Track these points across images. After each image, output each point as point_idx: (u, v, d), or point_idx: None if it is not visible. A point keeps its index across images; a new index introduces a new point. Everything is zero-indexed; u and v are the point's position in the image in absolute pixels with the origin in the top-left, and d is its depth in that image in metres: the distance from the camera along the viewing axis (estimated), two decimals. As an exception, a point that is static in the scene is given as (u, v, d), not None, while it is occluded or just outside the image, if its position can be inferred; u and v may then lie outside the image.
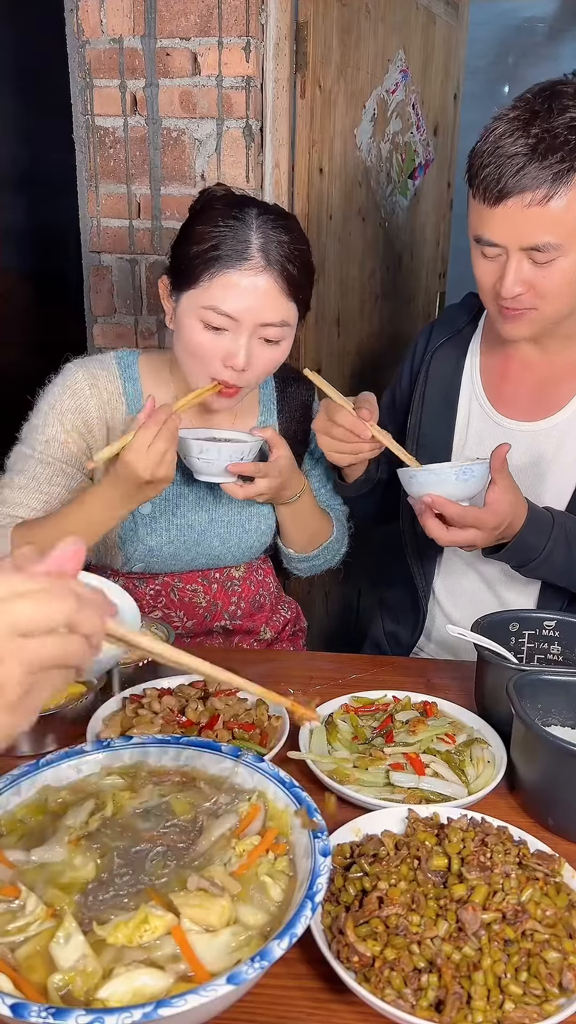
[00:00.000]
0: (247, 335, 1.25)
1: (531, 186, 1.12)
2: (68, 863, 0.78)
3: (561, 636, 1.18)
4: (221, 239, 1.22)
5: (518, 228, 1.15)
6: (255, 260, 1.22)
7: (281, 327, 1.27)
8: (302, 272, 1.27)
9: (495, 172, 1.13)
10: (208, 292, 1.23)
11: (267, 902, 0.74)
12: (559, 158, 1.11)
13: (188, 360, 1.30)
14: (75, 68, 1.96)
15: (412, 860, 0.81)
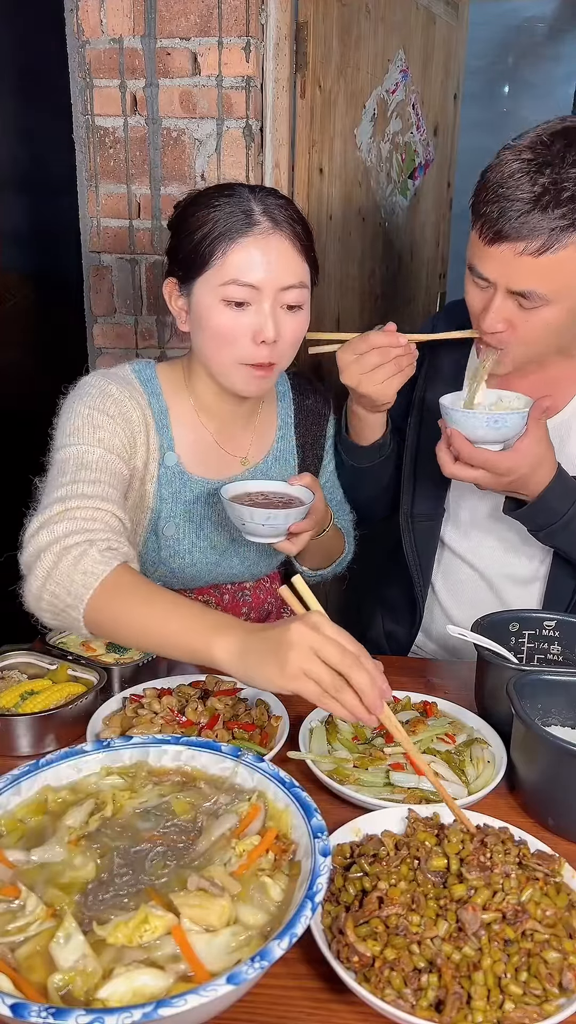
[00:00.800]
0: (270, 303, 1.22)
1: (527, 236, 1.11)
2: (68, 863, 0.78)
3: (561, 636, 1.18)
4: (224, 215, 1.21)
5: (509, 272, 1.15)
6: (263, 224, 1.21)
7: (300, 289, 1.26)
8: (307, 231, 1.28)
9: (496, 212, 1.12)
10: (224, 268, 1.21)
11: (267, 902, 0.74)
12: (561, 214, 1.09)
13: (215, 349, 1.26)
14: (75, 68, 1.96)
15: (412, 860, 0.81)
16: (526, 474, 1.20)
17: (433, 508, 1.48)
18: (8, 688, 1.14)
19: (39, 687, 1.13)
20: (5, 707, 1.09)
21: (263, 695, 1.15)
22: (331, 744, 1.06)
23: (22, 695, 1.12)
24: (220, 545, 1.42)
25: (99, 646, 1.27)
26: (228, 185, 1.28)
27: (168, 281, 1.30)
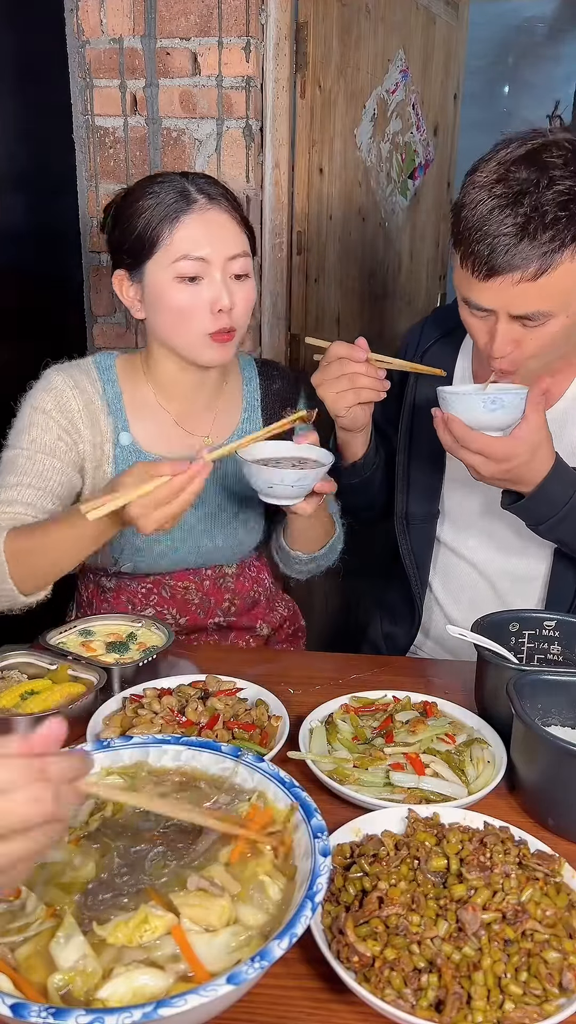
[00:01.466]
0: (221, 273, 1.29)
1: (521, 265, 1.11)
2: (68, 863, 0.78)
3: (561, 636, 1.18)
4: (163, 198, 1.29)
5: (508, 299, 1.15)
6: (200, 200, 1.29)
7: (245, 258, 1.32)
8: (238, 206, 1.34)
9: (485, 250, 1.12)
10: (173, 246, 1.28)
11: (266, 902, 0.74)
12: (549, 237, 1.09)
13: (176, 326, 1.32)
14: (75, 68, 1.96)
15: (412, 860, 0.81)
16: (525, 461, 1.17)
17: (428, 508, 1.48)
18: (8, 688, 1.14)
19: (39, 687, 1.13)
20: (5, 707, 1.09)
21: (263, 695, 1.15)
22: (331, 744, 1.06)
23: (22, 695, 1.12)
24: (186, 523, 1.44)
25: (99, 646, 1.27)
26: (158, 174, 1.35)
27: (116, 274, 1.36)
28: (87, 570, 1.55)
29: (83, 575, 1.57)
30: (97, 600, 1.54)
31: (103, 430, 1.41)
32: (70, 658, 1.21)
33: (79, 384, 1.40)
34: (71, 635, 1.30)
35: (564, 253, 1.11)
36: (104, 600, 1.52)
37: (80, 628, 1.31)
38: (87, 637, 1.30)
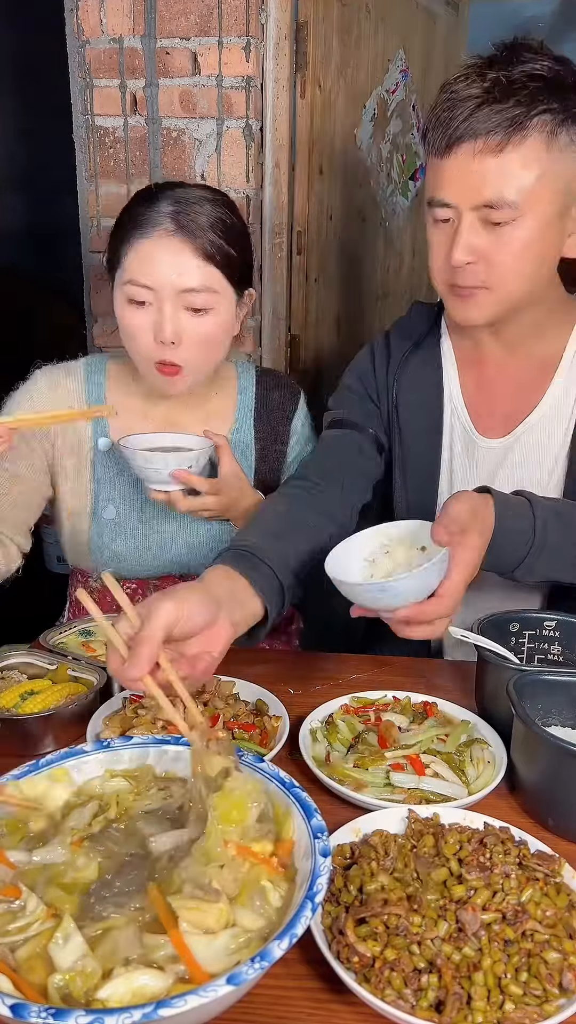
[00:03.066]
0: (169, 305, 1.25)
1: (483, 130, 1.04)
2: (71, 864, 0.78)
3: (561, 636, 1.18)
4: (136, 214, 1.26)
5: (470, 181, 1.07)
6: (164, 225, 1.24)
7: (205, 293, 1.26)
8: (224, 237, 1.26)
9: (446, 116, 1.06)
10: (126, 268, 1.27)
11: (267, 908, 0.73)
12: (514, 103, 1.03)
13: (127, 344, 1.33)
14: (75, 68, 1.96)
15: (412, 860, 0.81)
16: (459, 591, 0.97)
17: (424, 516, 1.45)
18: (8, 688, 1.14)
19: (39, 687, 1.13)
20: (5, 707, 1.09)
21: (263, 695, 1.15)
22: (331, 744, 1.06)
23: (22, 695, 1.11)
24: (166, 531, 1.44)
25: (99, 646, 1.27)
26: (166, 184, 1.31)
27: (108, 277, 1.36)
28: (75, 573, 1.56)
29: (72, 579, 1.58)
30: None
31: (79, 433, 1.41)
32: (70, 658, 1.21)
33: (60, 385, 1.41)
34: (71, 635, 1.30)
35: (530, 127, 1.04)
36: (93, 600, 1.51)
37: (80, 628, 1.31)
38: (87, 637, 1.30)
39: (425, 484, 1.39)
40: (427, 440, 1.38)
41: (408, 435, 1.39)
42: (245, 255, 1.33)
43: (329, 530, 1.24)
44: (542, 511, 1.09)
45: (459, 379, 1.37)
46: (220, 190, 1.36)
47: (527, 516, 1.09)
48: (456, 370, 1.37)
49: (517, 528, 1.08)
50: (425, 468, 1.39)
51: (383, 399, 1.40)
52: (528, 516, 1.09)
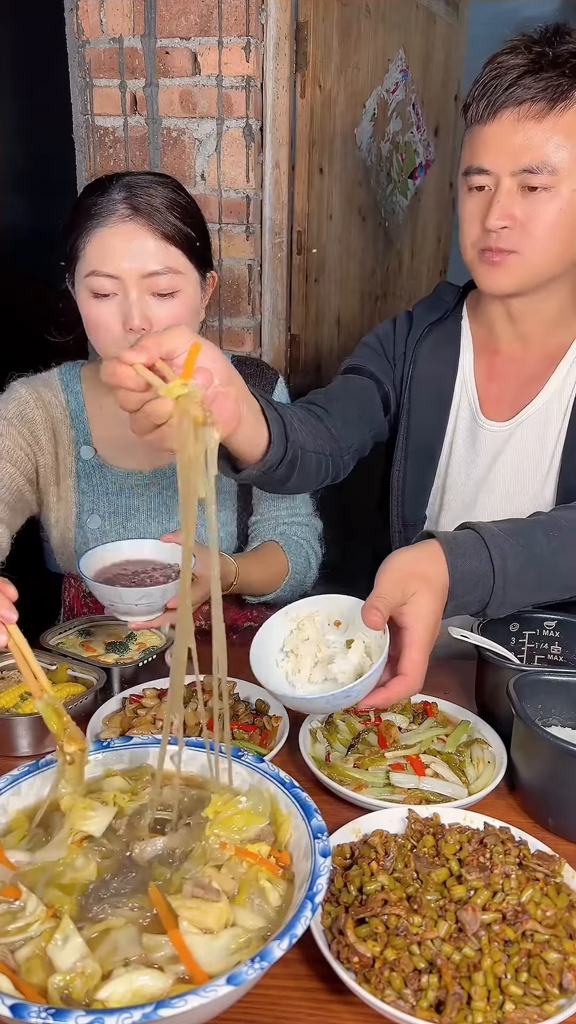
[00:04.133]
0: (135, 291, 1.22)
1: (526, 96, 1.08)
2: (70, 864, 0.78)
3: (561, 636, 1.18)
4: (88, 206, 1.23)
5: (511, 146, 1.11)
6: (120, 212, 1.22)
7: (169, 275, 1.23)
8: (180, 217, 1.25)
9: (492, 84, 1.10)
10: (86, 260, 1.24)
11: (266, 908, 0.73)
12: (558, 73, 1.07)
13: (94, 339, 1.29)
14: (75, 68, 1.96)
15: (412, 860, 0.81)
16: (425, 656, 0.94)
17: (420, 491, 1.45)
18: (8, 688, 1.14)
19: (39, 687, 1.13)
20: (5, 707, 1.09)
21: (263, 695, 1.15)
22: (331, 744, 1.06)
23: (22, 695, 1.11)
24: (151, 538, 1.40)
25: (99, 646, 1.27)
26: (109, 176, 1.27)
27: (67, 277, 1.33)
28: (68, 578, 1.56)
29: (65, 583, 1.57)
30: (77, 604, 1.55)
31: (65, 443, 1.41)
32: (70, 658, 1.21)
33: (42, 396, 1.40)
34: (71, 635, 1.30)
35: (573, 97, 1.08)
36: (84, 604, 1.53)
37: (80, 628, 1.31)
38: (87, 637, 1.30)
39: (425, 459, 1.41)
40: (434, 416, 1.40)
41: (416, 407, 1.41)
42: (203, 236, 1.31)
43: (332, 447, 1.26)
44: (496, 541, 1.02)
45: (473, 363, 1.39)
46: (167, 174, 1.34)
47: (481, 553, 1.01)
48: (472, 353, 1.40)
49: (474, 569, 1.00)
50: (428, 443, 1.40)
51: (398, 365, 1.43)
52: (483, 552, 1.01)
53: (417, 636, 0.93)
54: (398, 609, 0.94)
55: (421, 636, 0.93)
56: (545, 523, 1.07)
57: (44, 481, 1.42)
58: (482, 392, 1.38)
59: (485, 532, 1.03)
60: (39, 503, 1.46)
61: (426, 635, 0.94)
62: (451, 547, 1.00)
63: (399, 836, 0.86)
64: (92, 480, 1.42)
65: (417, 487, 1.44)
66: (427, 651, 0.94)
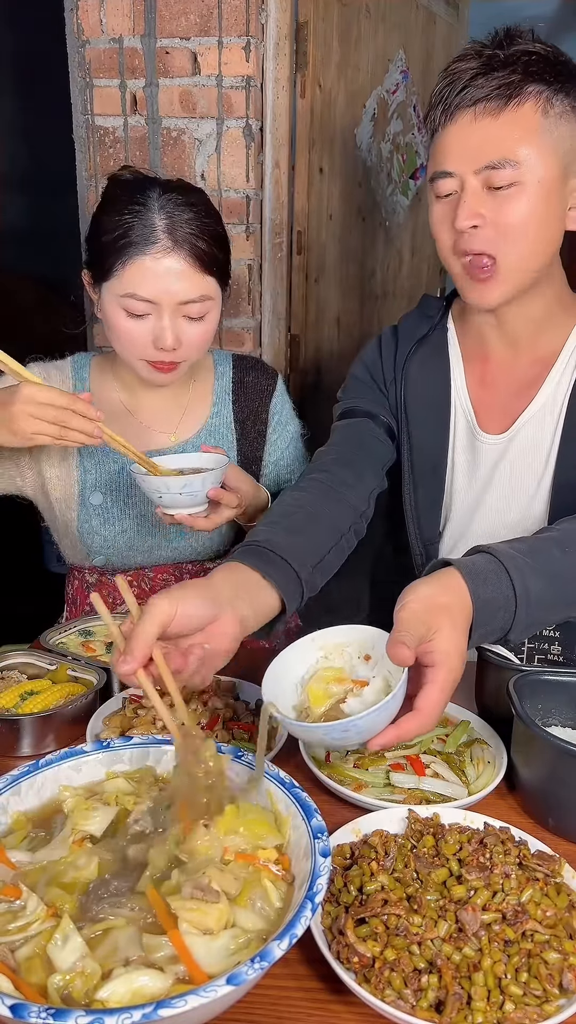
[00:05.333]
0: (169, 315, 1.28)
1: (480, 96, 1.10)
2: (71, 863, 0.78)
3: (561, 636, 1.18)
4: (127, 227, 1.26)
5: (471, 145, 1.12)
6: (162, 242, 1.26)
7: (202, 302, 1.30)
8: (212, 245, 1.30)
9: (446, 91, 1.12)
10: (123, 281, 1.27)
11: (268, 908, 0.73)
12: (509, 71, 1.09)
13: (120, 347, 1.35)
14: (75, 68, 1.96)
15: (412, 861, 0.81)
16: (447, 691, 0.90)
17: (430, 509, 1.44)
18: (8, 688, 1.14)
19: (39, 687, 1.13)
20: (5, 707, 1.09)
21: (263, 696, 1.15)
22: (331, 744, 1.06)
23: (22, 695, 1.11)
24: (152, 515, 1.46)
25: (99, 646, 1.27)
26: (140, 185, 1.30)
27: (85, 272, 1.37)
28: (72, 572, 1.57)
29: (69, 578, 1.59)
30: (81, 596, 1.57)
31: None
32: (70, 658, 1.21)
33: (51, 378, 1.45)
34: (71, 635, 1.30)
35: (526, 93, 1.09)
36: (88, 595, 1.55)
37: (80, 628, 1.32)
38: (87, 637, 1.30)
39: (432, 476, 1.40)
40: (434, 432, 1.39)
41: (416, 427, 1.40)
42: (228, 254, 1.36)
43: (349, 519, 1.25)
44: (515, 564, 0.98)
45: (464, 373, 1.38)
46: (196, 187, 1.37)
47: (502, 578, 0.97)
48: (462, 364, 1.38)
49: (495, 596, 0.96)
50: (432, 460, 1.40)
51: (390, 390, 1.42)
52: (503, 577, 0.97)
53: (440, 675, 0.89)
54: (422, 647, 0.89)
55: (444, 676, 0.89)
56: (560, 539, 1.05)
57: (45, 461, 1.45)
58: (476, 402, 1.36)
59: (502, 555, 0.98)
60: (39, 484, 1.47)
61: (450, 676, 0.89)
62: (471, 575, 0.95)
63: (399, 836, 0.86)
64: (95, 458, 1.46)
65: (429, 505, 1.42)
66: (449, 691, 0.90)
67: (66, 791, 0.87)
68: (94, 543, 1.46)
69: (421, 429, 1.39)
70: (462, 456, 1.38)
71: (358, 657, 1.03)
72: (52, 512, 1.50)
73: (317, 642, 1.03)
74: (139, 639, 0.86)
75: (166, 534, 1.49)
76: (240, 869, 0.77)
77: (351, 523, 1.25)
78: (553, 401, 1.29)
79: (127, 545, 1.47)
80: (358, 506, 1.28)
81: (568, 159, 1.14)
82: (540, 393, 1.30)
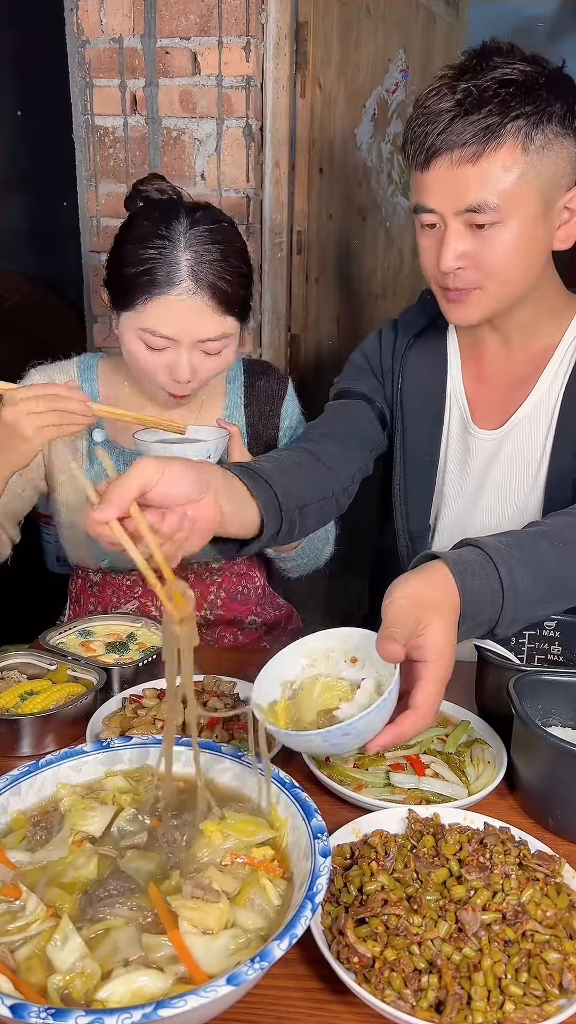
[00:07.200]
0: (187, 351, 1.29)
1: (458, 143, 1.06)
2: (71, 863, 0.78)
3: (561, 636, 1.18)
4: (152, 264, 1.24)
5: (450, 190, 1.10)
6: (186, 284, 1.25)
7: (220, 340, 1.30)
8: (235, 285, 1.29)
9: (421, 132, 1.09)
10: (144, 316, 1.27)
11: (267, 907, 0.73)
12: (487, 112, 1.05)
13: (135, 371, 1.36)
14: (75, 68, 1.96)
15: (412, 861, 0.81)
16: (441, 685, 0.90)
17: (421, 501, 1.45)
18: (8, 688, 1.14)
19: (39, 687, 1.13)
20: (5, 707, 1.09)
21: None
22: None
23: (22, 695, 1.11)
24: None
25: (99, 646, 1.27)
26: (168, 214, 1.28)
27: (103, 289, 1.35)
28: (76, 567, 1.57)
29: (73, 577, 1.60)
30: (85, 595, 1.57)
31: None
32: (70, 658, 1.21)
33: (55, 382, 1.44)
34: (71, 635, 1.30)
35: (505, 133, 1.06)
36: (92, 595, 1.56)
37: (79, 628, 1.31)
38: (87, 637, 1.29)
39: (424, 469, 1.41)
40: (428, 426, 1.39)
41: (410, 418, 1.40)
42: (250, 289, 1.35)
43: (333, 487, 1.25)
44: (502, 557, 0.97)
45: (461, 368, 1.39)
46: (223, 216, 1.34)
47: (489, 571, 0.96)
48: (459, 359, 1.39)
49: (482, 589, 0.95)
50: (425, 454, 1.40)
51: (387, 379, 1.43)
52: (490, 570, 0.96)
53: (433, 670, 0.88)
54: (411, 642, 0.88)
55: (437, 671, 0.88)
56: (549, 533, 1.04)
57: (56, 463, 1.46)
58: (471, 398, 1.37)
59: (490, 548, 0.97)
60: (49, 487, 1.49)
61: (441, 670, 0.89)
62: (458, 568, 0.94)
63: (399, 836, 0.86)
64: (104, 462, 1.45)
65: (418, 498, 1.43)
66: (442, 686, 0.89)
67: (63, 789, 0.87)
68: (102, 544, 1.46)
69: (415, 420, 1.40)
70: (455, 449, 1.39)
71: (344, 661, 1.02)
72: (60, 512, 1.50)
73: (301, 650, 1.02)
74: (118, 487, 0.82)
75: None
76: (238, 868, 0.77)
77: (334, 492, 1.26)
78: (547, 398, 1.29)
79: None
80: (343, 480, 1.30)
81: (551, 188, 1.12)
82: (535, 390, 1.30)
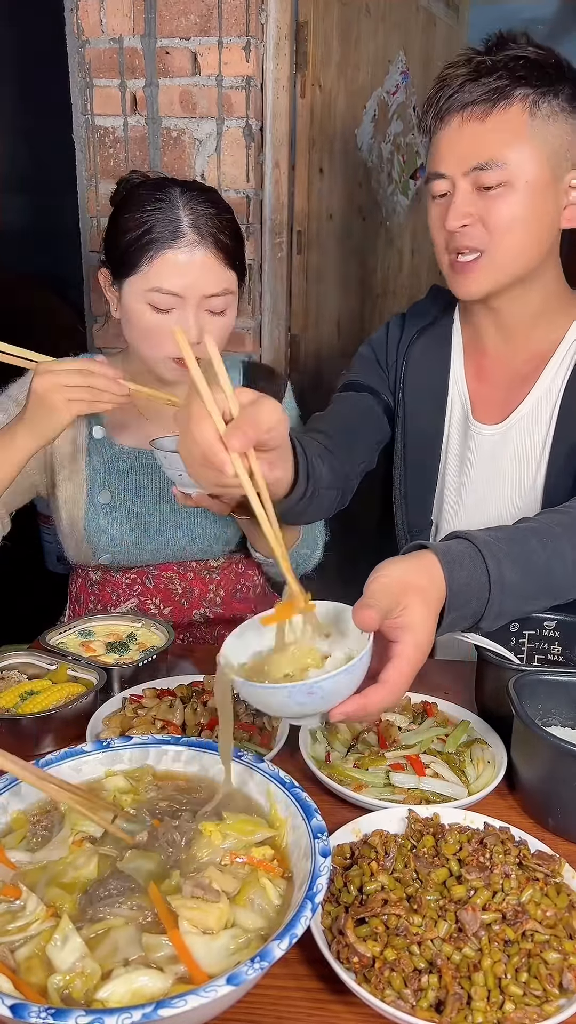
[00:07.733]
0: (193, 309, 1.30)
1: (469, 100, 1.14)
2: (71, 863, 0.78)
3: (561, 636, 1.18)
4: (153, 222, 1.28)
5: (460, 148, 1.16)
6: (189, 236, 1.28)
7: (224, 296, 1.32)
8: (233, 240, 1.33)
9: (437, 96, 1.17)
10: (150, 275, 1.28)
11: (267, 906, 0.73)
12: (497, 76, 1.13)
13: (142, 344, 1.35)
14: (75, 68, 1.96)
15: (412, 860, 0.81)
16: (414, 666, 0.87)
17: (422, 494, 1.45)
18: (8, 688, 1.14)
19: (39, 687, 1.13)
20: (5, 707, 1.09)
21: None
22: (331, 745, 1.06)
23: (22, 695, 1.11)
24: (159, 514, 1.47)
25: (99, 646, 1.27)
26: (161, 184, 1.33)
27: (102, 271, 1.38)
28: (76, 566, 1.58)
29: (73, 576, 1.60)
30: (85, 594, 1.57)
31: (77, 424, 1.45)
32: (70, 658, 1.21)
33: None
34: (71, 635, 1.30)
35: (513, 97, 1.13)
36: (92, 593, 1.56)
37: (80, 628, 1.31)
38: (87, 637, 1.29)
39: (424, 462, 1.42)
40: (430, 421, 1.41)
41: (412, 411, 1.42)
42: (244, 249, 1.38)
43: (341, 476, 1.29)
44: (490, 550, 0.97)
45: (464, 364, 1.40)
46: (209, 185, 1.40)
47: (477, 564, 0.95)
48: (462, 355, 1.40)
49: (469, 581, 0.94)
50: (426, 448, 1.41)
51: (391, 371, 1.45)
52: (478, 563, 0.95)
53: (408, 652, 0.86)
54: (389, 622, 0.86)
55: (412, 652, 0.86)
56: (538, 529, 1.04)
57: (56, 462, 1.46)
58: (473, 394, 1.38)
59: (479, 541, 0.97)
60: (50, 484, 1.49)
61: (416, 652, 0.86)
62: (447, 559, 0.93)
63: (399, 836, 0.86)
64: (104, 456, 1.47)
65: (419, 493, 1.44)
66: (415, 667, 0.87)
67: None
68: (101, 541, 1.47)
69: (417, 413, 1.41)
70: (455, 444, 1.40)
71: (319, 635, 0.95)
72: (59, 511, 1.50)
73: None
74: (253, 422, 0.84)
75: (172, 533, 1.49)
76: (238, 868, 0.77)
77: (340, 482, 1.30)
78: (548, 395, 1.30)
79: (133, 544, 1.47)
80: (348, 472, 1.33)
81: (557, 159, 1.17)
82: (536, 387, 1.31)
